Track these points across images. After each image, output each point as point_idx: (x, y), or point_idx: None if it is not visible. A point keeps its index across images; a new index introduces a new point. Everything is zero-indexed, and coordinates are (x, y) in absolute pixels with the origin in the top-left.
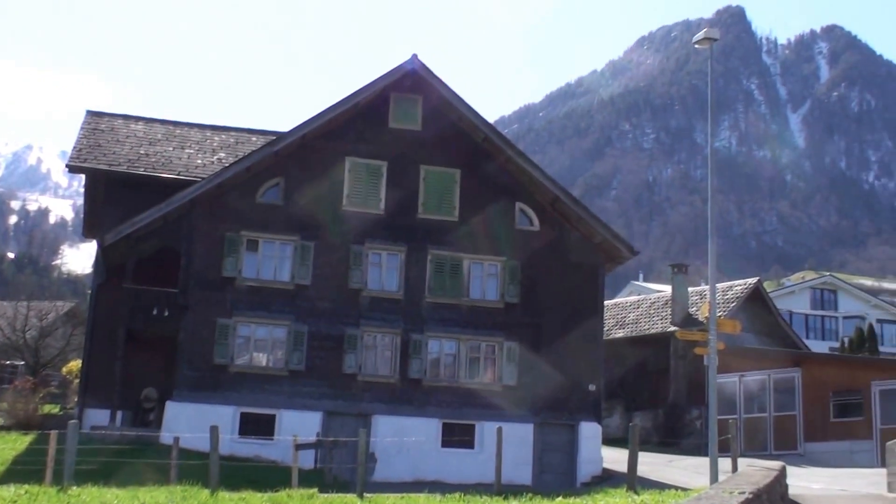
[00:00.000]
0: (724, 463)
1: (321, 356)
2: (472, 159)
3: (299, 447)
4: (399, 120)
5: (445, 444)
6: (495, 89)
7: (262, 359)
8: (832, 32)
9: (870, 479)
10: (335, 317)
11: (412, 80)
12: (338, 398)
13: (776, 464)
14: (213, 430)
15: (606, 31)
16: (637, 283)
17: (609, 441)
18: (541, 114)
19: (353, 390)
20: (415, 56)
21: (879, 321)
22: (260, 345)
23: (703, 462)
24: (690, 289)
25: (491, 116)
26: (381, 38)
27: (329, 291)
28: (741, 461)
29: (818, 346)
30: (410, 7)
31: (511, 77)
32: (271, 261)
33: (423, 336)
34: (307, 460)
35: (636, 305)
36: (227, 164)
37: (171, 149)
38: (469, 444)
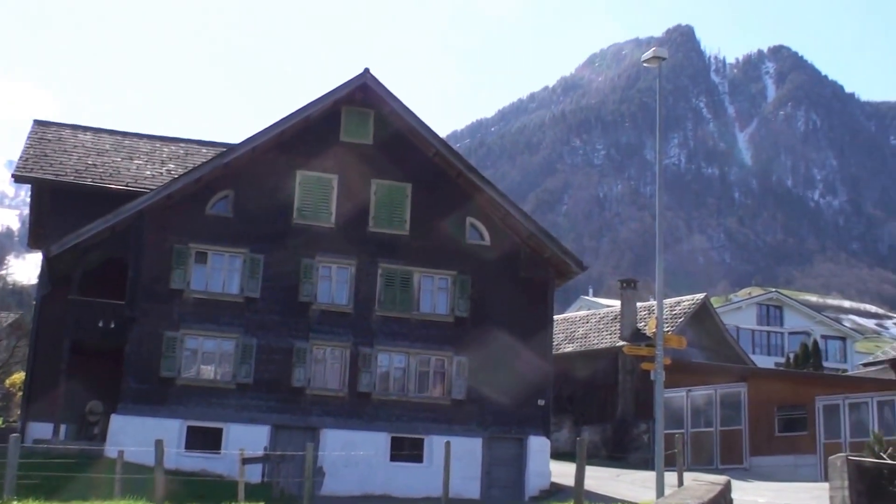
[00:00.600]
0: (671, 477)
1: (269, 369)
2: (423, 173)
3: (246, 461)
4: (350, 134)
5: (394, 457)
6: (448, 104)
7: (209, 372)
8: (779, 53)
9: (813, 493)
10: (284, 330)
11: (364, 94)
12: (286, 412)
13: (721, 478)
14: (158, 444)
15: (558, 47)
16: (587, 297)
17: (558, 455)
18: (493, 129)
19: (301, 404)
20: (367, 70)
21: (824, 337)
22: (208, 358)
23: (650, 476)
24: (639, 304)
25: (443, 131)
26: (334, 52)
27: (278, 304)
28: (687, 475)
29: (764, 362)
30: (364, 21)
31: (463, 92)
32: (220, 273)
33: (372, 350)
34: (254, 474)
35: (585, 320)
36: (176, 176)
37: (119, 159)
38: (418, 458)
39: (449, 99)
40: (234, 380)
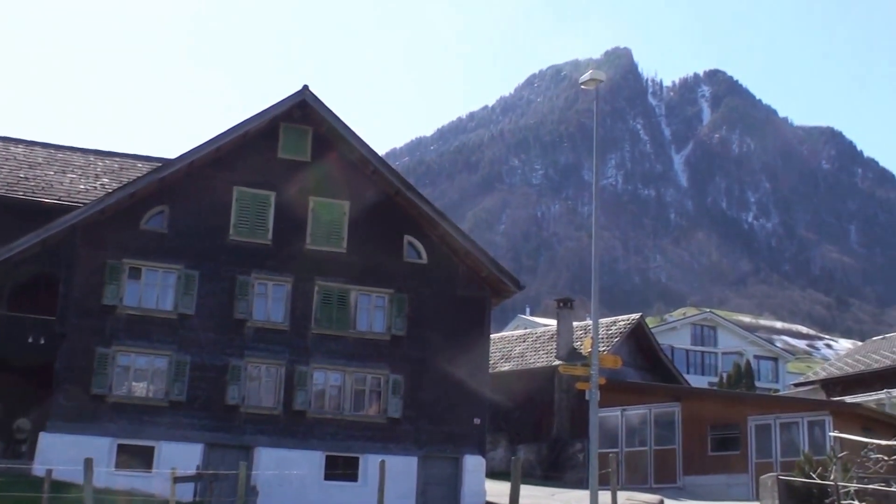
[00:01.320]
0: (605, 496)
1: (203, 387)
2: (361, 191)
3: (178, 480)
4: (288, 150)
5: (329, 476)
6: (387, 122)
7: (141, 389)
8: (714, 77)
9: None
10: (219, 347)
11: (303, 111)
12: (219, 430)
13: (654, 497)
14: (88, 462)
15: (497, 67)
16: (524, 316)
17: (493, 474)
18: (432, 147)
19: (235, 422)
20: (305, 87)
21: (756, 357)
22: (140, 375)
23: (584, 495)
24: (575, 323)
25: (382, 149)
26: (274, 69)
27: (213, 321)
28: (621, 494)
29: (698, 381)
30: (303, 38)
31: (403, 110)
32: (154, 289)
33: (308, 367)
34: (186, 494)
35: (522, 339)
36: (110, 190)
37: (52, 173)
38: (352, 478)
39: (388, 117)
40: (167, 397)
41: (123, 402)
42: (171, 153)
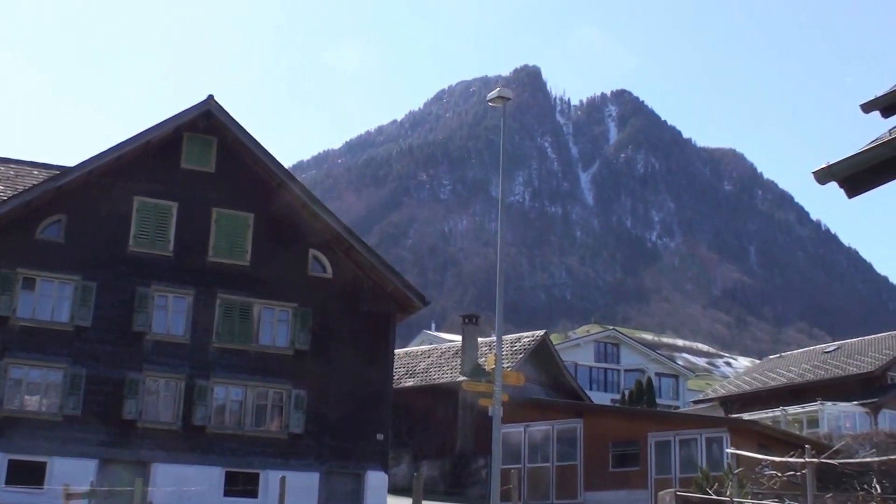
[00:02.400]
0: None
1: (99, 401)
2: (266, 203)
3: (70, 497)
4: (192, 160)
5: (228, 493)
6: (295, 134)
7: (34, 403)
8: (621, 97)
9: None
10: (116, 360)
11: (207, 121)
12: (115, 445)
13: None
14: None
15: (407, 81)
16: (429, 332)
17: (396, 490)
18: (340, 160)
19: (132, 437)
20: (210, 97)
21: (658, 374)
22: (33, 388)
23: None
24: (481, 339)
25: (289, 161)
26: (179, 79)
27: (111, 334)
28: None
29: (601, 398)
30: (208, 47)
31: (311, 123)
32: (49, 300)
33: (208, 382)
34: None
35: (427, 355)
36: (4, 198)
37: None
38: (253, 494)
39: (295, 129)
40: (61, 412)
41: (15, 416)
42: (71, 162)
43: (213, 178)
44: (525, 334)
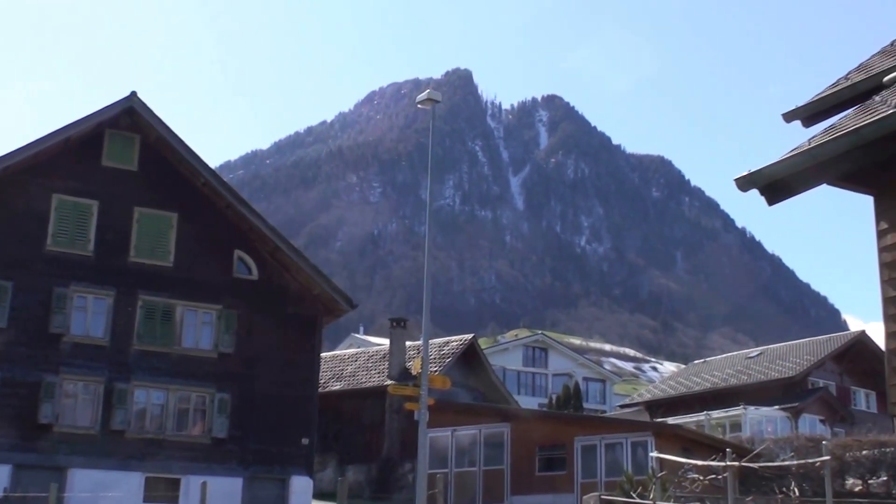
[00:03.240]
0: None
1: (13, 404)
2: (190, 203)
3: None
4: (114, 158)
5: (148, 499)
6: (223, 134)
7: None
8: (552, 102)
9: None
10: (32, 362)
11: (130, 118)
12: (30, 450)
13: None
14: None
15: (337, 82)
16: (357, 335)
17: (322, 495)
18: (268, 161)
19: (48, 441)
20: (133, 93)
21: (585, 379)
22: None
23: None
24: (409, 343)
25: (215, 161)
26: (102, 75)
27: (26, 335)
28: None
29: (529, 402)
30: (131, 43)
31: (239, 122)
32: None
33: (129, 385)
34: None
35: (354, 358)
36: None
37: None
38: (174, 500)
39: (223, 128)
40: None
41: None
42: None
43: (136, 176)
44: (453, 338)
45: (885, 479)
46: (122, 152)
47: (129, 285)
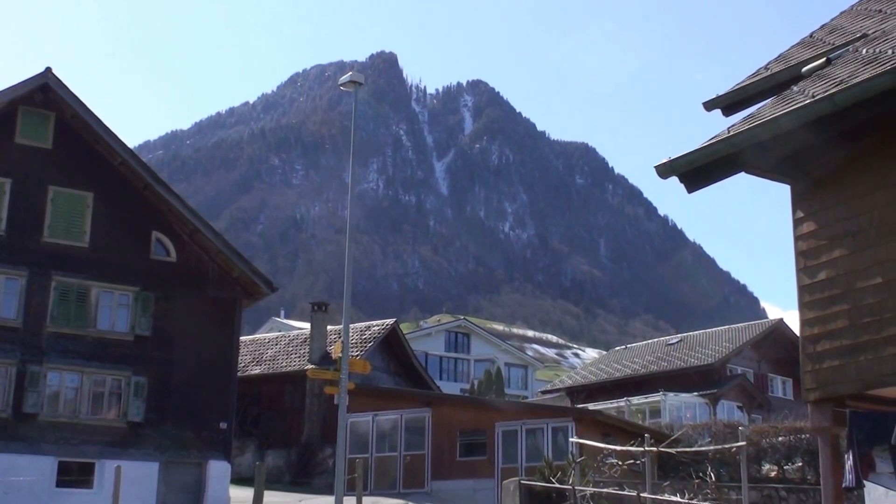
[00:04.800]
0: (352, 501)
1: None
2: (107, 183)
3: None
4: (27, 136)
5: (61, 483)
6: (142, 113)
7: None
8: (477, 87)
9: None
10: None
11: (45, 95)
12: None
13: (398, 502)
14: None
15: (260, 63)
16: (278, 319)
17: (241, 480)
18: (188, 141)
19: None
20: (48, 69)
21: (507, 365)
22: None
23: (332, 501)
24: (330, 327)
25: (134, 140)
26: (15, 52)
27: None
28: (368, 499)
29: (451, 388)
30: (48, 18)
31: (159, 102)
32: None
33: (41, 368)
34: None
35: (274, 342)
36: None
37: None
38: (87, 485)
39: (142, 108)
40: None
41: None
42: None
43: (51, 154)
44: (375, 323)
45: (800, 464)
46: (36, 130)
47: (42, 266)
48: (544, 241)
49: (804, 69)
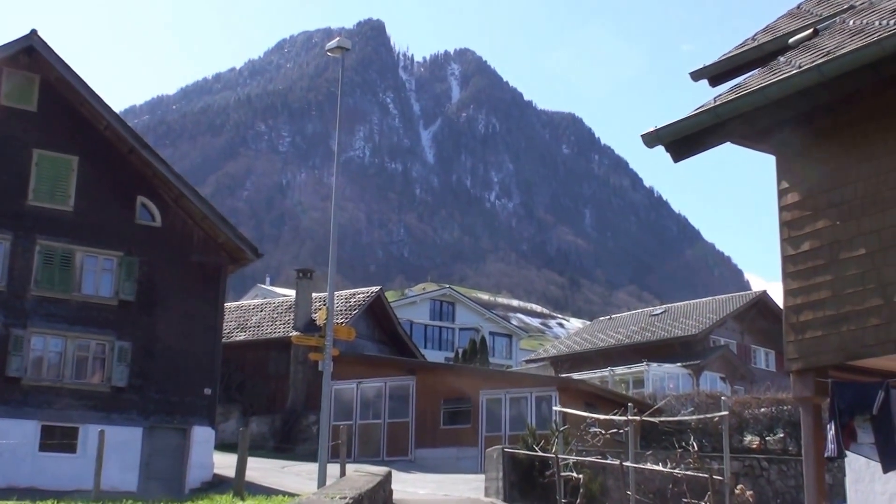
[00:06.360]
0: (335, 468)
1: None
2: (92, 147)
3: None
4: (12, 98)
5: (44, 447)
6: (128, 78)
7: None
8: (464, 56)
9: (472, 485)
10: None
11: (30, 58)
12: None
13: (382, 469)
14: None
15: (247, 29)
16: (263, 286)
17: (225, 446)
18: (174, 107)
19: None
20: (34, 31)
21: (492, 333)
22: None
23: (316, 467)
24: (315, 294)
25: (120, 105)
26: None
27: None
28: (351, 466)
29: (435, 356)
30: None
31: (146, 66)
32: None
33: (25, 332)
34: None
35: (260, 309)
36: None
37: None
38: (71, 449)
39: (128, 73)
40: None
41: None
42: None
43: (35, 117)
44: (360, 290)
45: (781, 435)
46: (21, 92)
47: (26, 229)
48: (530, 211)
49: (791, 40)
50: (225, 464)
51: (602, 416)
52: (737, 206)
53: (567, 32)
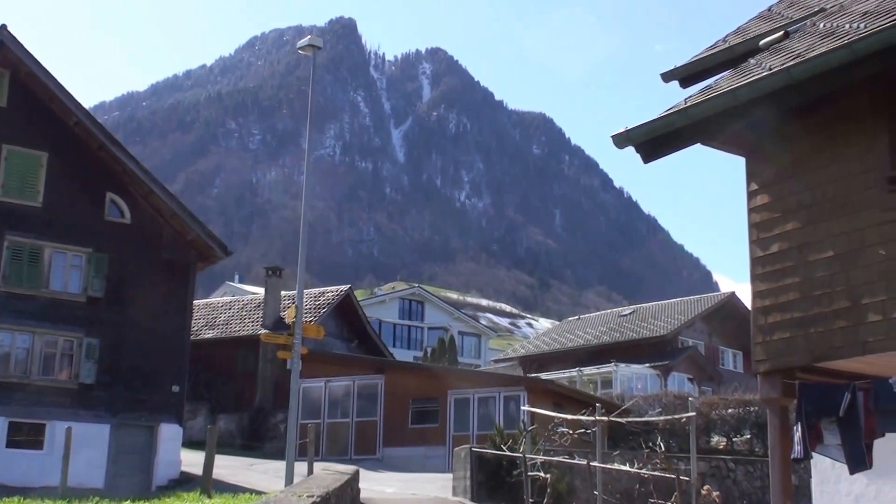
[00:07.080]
0: (302, 467)
1: None
2: (61, 143)
3: None
4: None
5: (11, 444)
6: (98, 74)
7: None
8: (436, 55)
9: (439, 484)
10: None
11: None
12: None
13: (349, 468)
14: None
15: (218, 26)
16: (232, 283)
17: (192, 444)
18: (144, 103)
19: None
20: (3, 27)
21: (461, 333)
22: None
23: (283, 466)
24: (284, 293)
25: (90, 101)
26: None
27: None
28: (318, 465)
29: (404, 355)
30: None
31: (115, 63)
32: None
33: None
34: None
35: (228, 306)
36: None
37: None
38: (38, 445)
39: (98, 69)
40: None
41: None
42: None
43: (4, 113)
44: (329, 289)
45: (748, 437)
46: None
47: None
48: (500, 211)
49: (762, 42)
50: (192, 461)
51: (570, 417)
52: (706, 208)
53: (542, 15)
